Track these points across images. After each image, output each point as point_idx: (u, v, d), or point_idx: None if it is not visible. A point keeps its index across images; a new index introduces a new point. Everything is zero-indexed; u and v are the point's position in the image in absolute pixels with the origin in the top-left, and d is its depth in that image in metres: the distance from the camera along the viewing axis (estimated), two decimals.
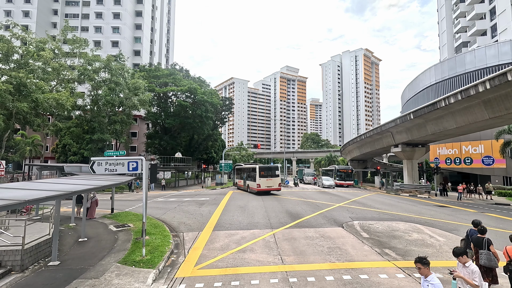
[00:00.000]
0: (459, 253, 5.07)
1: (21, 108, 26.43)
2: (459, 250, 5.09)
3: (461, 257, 5.03)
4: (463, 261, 5.04)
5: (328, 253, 9.72)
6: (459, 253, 5.06)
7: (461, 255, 5.03)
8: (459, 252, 5.07)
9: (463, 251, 5.05)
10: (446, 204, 23.69)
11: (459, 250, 5.09)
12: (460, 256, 5.04)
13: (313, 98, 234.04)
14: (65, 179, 12.45)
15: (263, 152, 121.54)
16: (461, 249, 5.09)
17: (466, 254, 5.05)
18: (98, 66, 35.36)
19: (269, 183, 28.83)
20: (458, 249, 5.11)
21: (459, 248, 5.14)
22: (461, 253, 5.05)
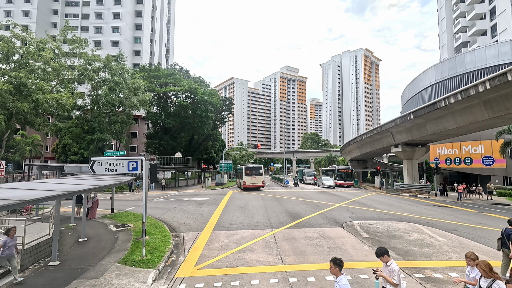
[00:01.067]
0: (380, 253, 5.15)
1: (22, 108, 26.43)
2: (380, 250, 5.19)
3: (382, 257, 5.13)
4: (384, 261, 5.13)
5: (328, 253, 9.72)
6: (380, 253, 5.15)
7: (382, 255, 5.12)
8: (380, 252, 5.16)
9: (384, 251, 5.13)
10: (446, 204, 23.69)
11: (380, 251, 5.18)
12: (381, 256, 5.14)
13: (313, 98, 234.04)
14: (65, 179, 12.45)
15: (263, 152, 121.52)
16: (382, 249, 5.17)
17: (387, 254, 5.14)
18: (98, 66, 35.36)
19: (254, 180, 33.81)
20: (379, 249, 5.21)
21: (380, 248, 5.23)
22: (382, 253, 5.13)
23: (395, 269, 4.89)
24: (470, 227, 14.20)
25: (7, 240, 7.29)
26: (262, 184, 34.53)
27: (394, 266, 4.96)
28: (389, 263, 5.07)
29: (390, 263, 5.06)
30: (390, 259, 5.11)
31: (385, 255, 5.11)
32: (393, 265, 4.99)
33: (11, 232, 7.40)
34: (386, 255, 5.11)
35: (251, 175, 34.01)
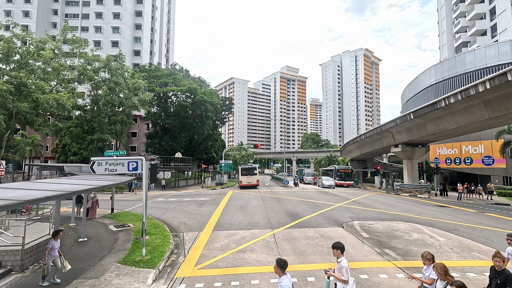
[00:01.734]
0: (333, 247, 5.23)
1: (22, 108, 26.42)
2: (335, 244, 5.25)
3: (335, 250, 5.19)
4: (336, 255, 5.21)
5: (328, 253, 9.72)
6: (334, 247, 5.23)
7: (336, 249, 5.18)
8: (334, 246, 5.24)
9: (338, 246, 5.17)
10: (446, 204, 23.69)
11: (334, 245, 5.25)
12: (334, 249, 5.20)
13: (313, 98, 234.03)
14: (65, 179, 12.44)
15: (263, 152, 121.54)
16: (337, 244, 5.21)
17: (341, 251, 5.16)
18: (97, 66, 35.34)
19: (249, 180, 37.42)
20: (335, 243, 5.26)
21: (337, 243, 5.27)
22: (335, 247, 5.19)
23: (344, 266, 4.98)
24: (470, 227, 14.20)
25: (53, 243, 7.31)
26: (257, 183, 38.01)
27: (344, 263, 5.04)
28: (340, 259, 5.15)
29: (341, 259, 5.14)
30: (342, 256, 5.17)
31: (338, 250, 5.15)
32: (342, 262, 5.06)
33: (58, 235, 7.44)
34: (339, 250, 5.15)
35: (247, 175, 37.61)
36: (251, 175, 37.89)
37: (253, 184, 37.57)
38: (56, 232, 7.54)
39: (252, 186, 37.55)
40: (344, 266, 4.99)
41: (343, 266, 5.00)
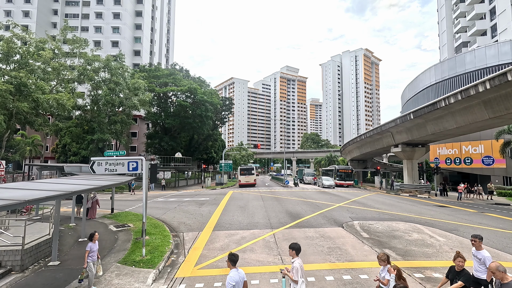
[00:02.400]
0: (289, 247, 5.41)
1: (22, 108, 26.42)
2: (291, 245, 5.42)
3: (291, 250, 5.36)
4: (291, 255, 5.37)
5: (328, 253, 9.72)
6: (290, 247, 5.41)
7: (291, 249, 5.36)
8: (290, 246, 5.41)
9: (293, 247, 5.34)
10: (446, 204, 23.69)
11: (290, 245, 5.42)
12: (290, 250, 5.38)
13: (313, 98, 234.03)
14: (65, 179, 12.44)
15: (263, 152, 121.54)
16: (293, 245, 5.38)
17: (297, 252, 5.31)
18: (97, 66, 35.34)
19: (247, 179, 41.10)
20: (292, 244, 5.43)
21: (294, 243, 5.43)
22: (291, 247, 5.37)
23: (295, 266, 5.13)
24: (470, 227, 14.20)
25: (92, 245, 7.16)
26: (254, 182, 41.81)
27: (296, 264, 5.17)
28: (294, 260, 5.27)
29: (294, 260, 5.26)
30: (296, 257, 5.29)
31: (293, 251, 5.29)
32: (295, 263, 5.19)
33: (95, 237, 7.29)
34: (294, 251, 5.28)
35: (245, 175, 41.39)
36: (249, 174, 41.73)
37: (251, 183, 41.19)
38: (92, 234, 7.33)
39: (250, 184, 41.03)
40: (295, 267, 5.14)
41: (295, 266, 5.16)
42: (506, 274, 4.30)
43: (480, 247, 5.68)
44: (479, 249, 5.67)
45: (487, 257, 5.45)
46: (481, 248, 5.68)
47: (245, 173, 41.93)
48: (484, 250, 5.65)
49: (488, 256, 5.50)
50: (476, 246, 5.74)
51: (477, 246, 5.73)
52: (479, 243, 5.72)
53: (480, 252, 5.62)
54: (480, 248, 5.68)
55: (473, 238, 5.82)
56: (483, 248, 5.68)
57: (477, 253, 5.69)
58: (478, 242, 5.72)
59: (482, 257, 5.55)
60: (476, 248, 5.75)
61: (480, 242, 5.73)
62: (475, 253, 5.73)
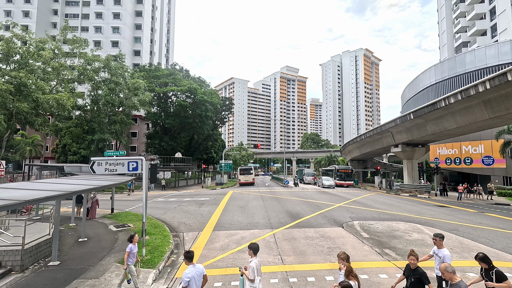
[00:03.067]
0: (248, 247, 5.66)
1: (22, 108, 26.41)
2: (250, 245, 5.67)
3: (249, 250, 5.61)
4: (249, 254, 5.62)
5: (328, 253, 9.72)
6: (248, 247, 5.66)
7: (249, 249, 5.63)
8: (248, 246, 5.67)
9: (251, 247, 5.59)
10: (446, 204, 23.68)
11: (249, 245, 5.68)
12: (248, 249, 5.63)
13: (313, 98, 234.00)
14: (65, 179, 12.44)
15: (263, 152, 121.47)
16: (252, 245, 5.62)
17: (254, 251, 5.56)
18: (97, 66, 35.33)
19: (246, 178, 45.27)
20: (250, 244, 5.69)
21: (252, 243, 5.69)
22: (249, 247, 5.64)
23: (251, 266, 5.32)
24: (470, 227, 14.20)
25: (132, 247, 7.06)
26: (252, 180, 46.54)
27: (252, 263, 5.38)
28: (251, 259, 5.49)
29: (252, 259, 5.48)
30: (254, 257, 5.51)
31: (251, 250, 5.58)
32: (252, 262, 5.40)
33: (135, 239, 7.21)
34: (252, 251, 5.57)
35: (244, 174, 45.74)
36: (248, 174, 45.97)
37: (250, 181, 45.29)
38: (132, 235, 7.23)
39: (249, 183, 44.97)
40: (251, 266, 5.32)
41: (251, 266, 5.33)
42: (454, 275, 4.46)
43: (441, 246, 5.95)
44: (440, 248, 5.92)
45: (446, 255, 5.73)
46: (442, 246, 5.93)
47: (244, 173, 45.95)
48: (445, 249, 5.92)
49: (448, 254, 5.78)
50: (438, 245, 5.96)
51: (438, 245, 5.95)
52: (440, 241, 5.93)
53: (441, 251, 5.87)
54: (441, 246, 5.93)
55: (434, 237, 6.03)
56: (444, 247, 5.95)
57: (438, 251, 5.91)
58: (439, 241, 5.95)
59: (442, 255, 5.78)
60: (438, 247, 5.96)
61: (441, 241, 5.94)
62: (436, 251, 5.96)
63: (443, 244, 5.97)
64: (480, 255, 5.19)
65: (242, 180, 45.16)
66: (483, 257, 5.12)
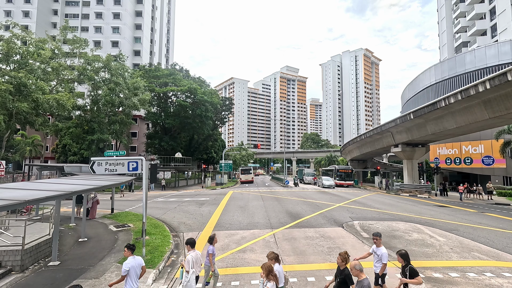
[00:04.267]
0: (185, 243, 6.21)
1: (22, 108, 26.40)
2: (187, 240, 6.18)
3: (187, 245, 6.15)
4: (187, 248, 6.16)
5: (328, 253, 9.72)
6: (185, 242, 6.21)
7: (186, 244, 6.15)
8: (185, 242, 6.21)
9: (188, 242, 6.14)
10: (446, 204, 23.69)
11: (186, 240, 6.20)
12: (186, 245, 6.19)
13: (313, 98, 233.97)
14: (65, 179, 12.44)
15: (263, 152, 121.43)
16: (188, 240, 6.20)
17: (191, 245, 6.08)
18: (97, 66, 35.32)
19: (246, 177, 53.72)
20: (187, 239, 6.18)
21: (189, 238, 6.19)
22: (186, 243, 6.17)
23: (188, 258, 5.87)
24: (470, 227, 14.20)
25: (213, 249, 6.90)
26: (251, 179, 54.73)
27: (189, 256, 5.92)
28: (188, 252, 6.07)
29: (189, 252, 6.05)
30: (191, 250, 6.08)
31: (188, 245, 6.15)
32: (188, 256, 5.95)
33: (215, 240, 7.08)
34: (189, 245, 6.13)
35: (245, 174, 54.78)
36: (248, 174, 54.89)
37: (249, 180, 53.46)
38: (212, 237, 7.14)
39: (249, 181, 52.98)
40: (188, 259, 5.87)
41: (187, 258, 5.89)
42: (361, 273, 4.72)
43: (380, 245, 6.15)
44: (379, 246, 6.12)
45: (384, 254, 5.97)
46: (381, 245, 6.15)
47: (244, 172, 55.23)
48: (383, 247, 6.13)
49: (385, 252, 6.01)
50: (377, 244, 6.16)
51: (378, 244, 6.16)
52: (379, 240, 6.15)
53: (379, 249, 6.08)
54: (380, 245, 6.14)
55: (374, 237, 6.24)
56: (382, 246, 6.16)
57: (377, 249, 6.13)
58: (379, 240, 6.16)
59: (380, 253, 6.00)
60: (377, 246, 6.16)
61: (380, 240, 6.16)
62: (375, 249, 6.17)
63: (381, 243, 6.18)
64: (401, 252, 5.55)
65: (243, 178, 53.41)
66: (404, 254, 5.48)
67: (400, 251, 5.58)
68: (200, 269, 6.27)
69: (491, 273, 8.02)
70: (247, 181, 52.47)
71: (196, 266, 5.93)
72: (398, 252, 5.60)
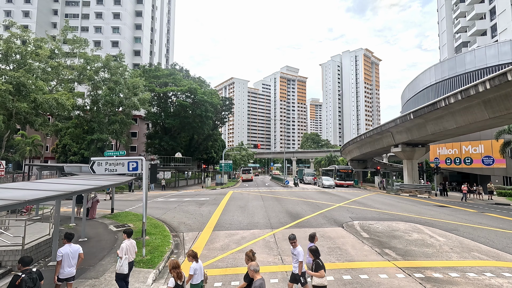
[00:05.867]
0: (123, 232, 6.96)
1: (21, 108, 26.40)
2: (124, 230, 6.99)
3: (123, 234, 6.93)
4: (124, 237, 6.91)
5: (328, 253, 9.72)
6: (123, 232, 6.96)
7: (123, 233, 6.89)
8: (123, 231, 6.98)
9: (125, 231, 6.92)
10: (446, 204, 23.69)
11: (124, 230, 7.01)
12: (124, 233, 6.98)
13: (313, 98, 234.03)
14: (65, 179, 12.44)
15: (263, 152, 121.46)
16: (125, 229, 6.99)
17: (128, 234, 6.87)
18: (97, 66, 35.32)
19: (246, 176, 61.99)
20: (124, 229, 7.02)
21: (126, 228, 7.16)
22: (124, 232, 6.94)
23: (122, 246, 6.58)
24: (470, 227, 14.20)
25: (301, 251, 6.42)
26: (251, 178, 63.05)
27: (123, 244, 6.64)
28: (124, 241, 6.78)
29: (124, 241, 6.76)
30: (127, 239, 6.81)
31: (125, 234, 6.93)
32: (123, 244, 6.65)
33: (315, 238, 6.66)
34: (126, 234, 6.90)
35: (245, 173, 62.94)
36: (248, 173, 62.85)
37: (249, 178, 61.52)
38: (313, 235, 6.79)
39: (249, 180, 60.59)
40: (122, 246, 6.56)
41: (122, 246, 6.56)
42: (256, 273, 4.91)
43: (296, 245, 6.31)
44: (295, 247, 6.29)
45: (300, 252, 6.17)
46: (296, 245, 6.30)
47: (245, 172, 63.46)
48: (299, 246, 6.28)
49: (301, 250, 6.20)
50: (293, 246, 6.34)
51: (294, 245, 6.34)
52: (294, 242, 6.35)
53: (296, 249, 6.26)
54: (296, 245, 6.30)
55: (289, 240, 6.48)
56: (298, 245, 6.31)
57: (294, 250, 6.30)
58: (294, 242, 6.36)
59: (297, 252, 6.19)
60: (293, 247, 6.33)
61: (295, 242, 6.36)
62: (293, 251, 6.34)
63: (297, 243, 6.34)
64: (312, 248, 5.92)
65: (243, 177, 61.84)
66: (313, 249, 5.87)
67: (310, 247, 5.94)
68: (134, 256, 6.83)
69: (491, 273, 8.02)
70: (247, 179, 60.59)
71: (129, 253, 6.62)
72: (309, 247, 5.96)
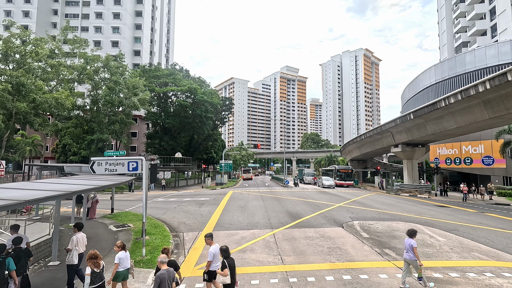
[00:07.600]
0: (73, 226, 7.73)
1: (21, 108, 26.39)
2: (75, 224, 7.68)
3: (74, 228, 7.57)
4: (74, 231, 7.64)
5: (328, 253, 9.72)
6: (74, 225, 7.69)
7: (74, 227, 7.61)
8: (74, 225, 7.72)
9: (76, 225, 7.61)
10: (446, 204, 23.69)
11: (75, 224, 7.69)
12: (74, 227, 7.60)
13: (313, 98, 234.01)
14: (65, 179, 12.44)
15: (263, 152, 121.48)
16: (77, 224, 7.69)
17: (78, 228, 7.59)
18: (97, 66, 35.32)
19: (247, 175, 66.96)
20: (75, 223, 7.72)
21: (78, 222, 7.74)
22: (74, 226, 7.61)
23: (72, 238, 7.18)
24: (470, 227, 14.20)
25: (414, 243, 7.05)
26: (251, 177, 68.41)
27: (74, 237, 7.21)
28: (75, 234, 7.40)
29: (75, 234, 7.38)
30: (77, 232, 7.44)
31: (76, 228, 7.60)
32: (73, 237, 7.22)
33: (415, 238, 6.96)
34: (76, 228, 7.58)
35: (245, 173, 68.07)
36: (248, 173, 67.99)
37: (249, 178, 66.77)
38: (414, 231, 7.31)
39: (249, 178, 65.99)
40: (72, 239, 7.14)
41: (72, 238, 7.16)
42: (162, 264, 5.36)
43: (211, 244, 6.62)
44: (210, 245, 6.60)
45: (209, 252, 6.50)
46: (212, 243, 6.62)
47: (245, 172, 68.35)
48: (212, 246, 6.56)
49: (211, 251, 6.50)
50: (208, 244, 6.67)
51: (208, 243, 6.67)
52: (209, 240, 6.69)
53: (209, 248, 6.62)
54: (211, 244, 6.62)
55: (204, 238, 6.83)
56: (213, 243, 6.64)
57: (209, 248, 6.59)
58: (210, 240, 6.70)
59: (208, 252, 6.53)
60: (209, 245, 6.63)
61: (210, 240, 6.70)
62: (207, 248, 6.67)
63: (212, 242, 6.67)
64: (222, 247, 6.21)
65: (244, 176, 66.70)
66: (223, 249, 6.16)
67: (221, 247, 6.23)
68: (84, 248, 7.37)
69: (491, 273, 8.03)
70: (247, 178, 65.91)
71: (79, 245, 7.14)
72: (220, 247, 6.27)
